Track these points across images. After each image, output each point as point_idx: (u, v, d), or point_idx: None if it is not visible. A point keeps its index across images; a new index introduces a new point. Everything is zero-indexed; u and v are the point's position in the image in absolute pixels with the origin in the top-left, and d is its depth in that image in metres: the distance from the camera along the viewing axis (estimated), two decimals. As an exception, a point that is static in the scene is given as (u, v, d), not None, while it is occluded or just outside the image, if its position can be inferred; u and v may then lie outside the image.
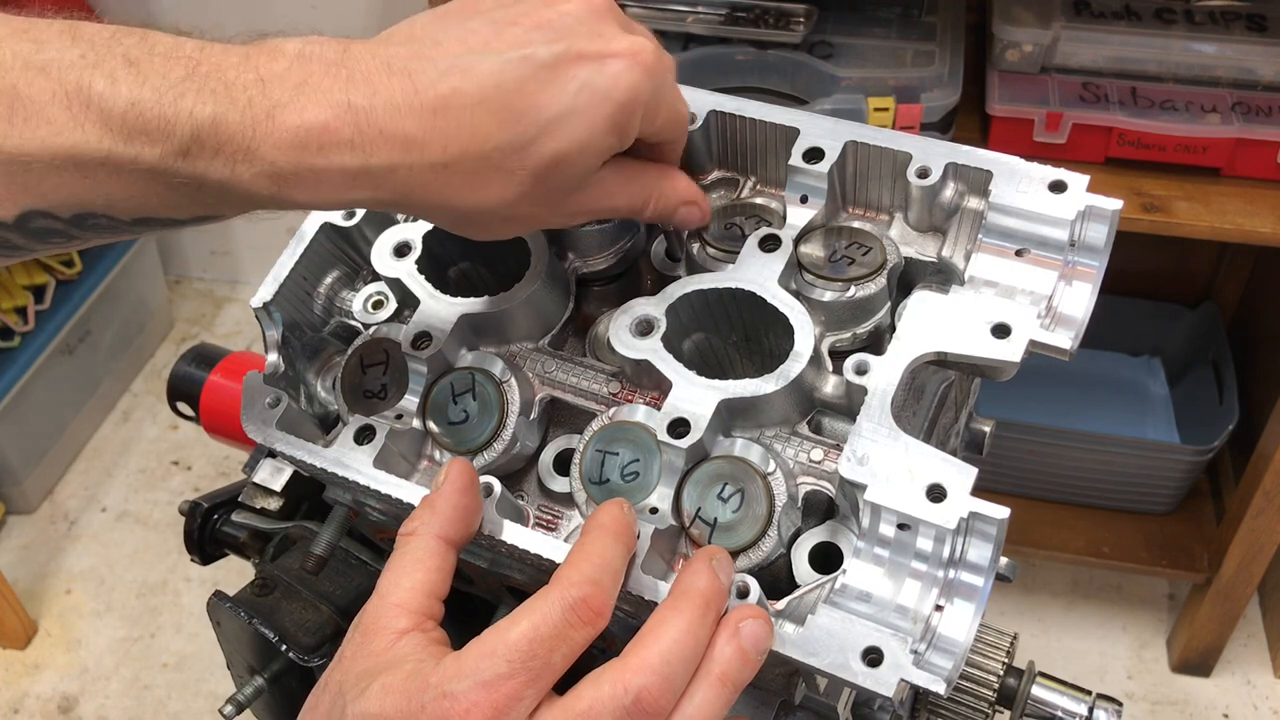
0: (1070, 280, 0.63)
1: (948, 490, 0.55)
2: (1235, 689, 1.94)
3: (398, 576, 0.55)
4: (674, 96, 0.62)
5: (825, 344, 0.65)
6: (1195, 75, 1.48)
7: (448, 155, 0.54)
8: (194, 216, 0.55)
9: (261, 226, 2.51)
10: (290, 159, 0.52)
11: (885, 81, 1.48)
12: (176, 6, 2.18)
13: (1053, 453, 1.83)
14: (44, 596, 2.14)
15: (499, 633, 0.51)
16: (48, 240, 0.54)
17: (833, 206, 0.70)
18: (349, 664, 0.53)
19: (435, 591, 0.55)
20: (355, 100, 0.52)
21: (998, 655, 0.82)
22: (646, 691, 0.49)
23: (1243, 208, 1.44)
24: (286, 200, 0.54)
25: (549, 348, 0.70)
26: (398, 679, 0.50)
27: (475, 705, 0.48)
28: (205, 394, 1.00)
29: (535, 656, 0.50)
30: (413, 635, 0.53)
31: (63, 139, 0.49)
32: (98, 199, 0.52)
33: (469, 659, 0.50)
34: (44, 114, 0.49)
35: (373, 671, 0.51)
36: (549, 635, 0.50)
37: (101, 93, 0.49)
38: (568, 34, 0.56)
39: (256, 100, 0.51)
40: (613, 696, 0.49)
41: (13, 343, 2.10)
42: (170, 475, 2.34)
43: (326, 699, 0.53)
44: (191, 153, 0.51)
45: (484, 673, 0.49)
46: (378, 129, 0.52)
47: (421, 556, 0.55)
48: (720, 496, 0.61)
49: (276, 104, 0.51)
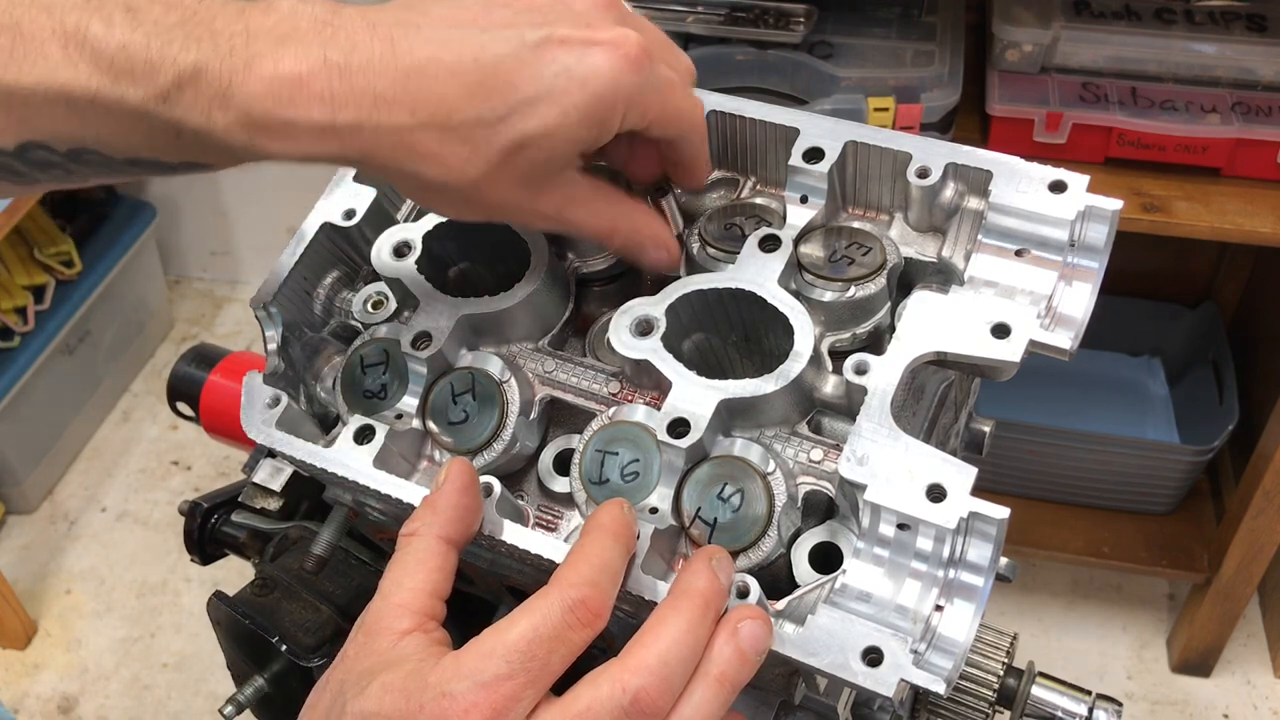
0: (1070, 280, 0.63)
1: (947, 490, 0.55)
2: (1235, 689, 1.94)
3: (400, 576, 0.55)
4: (672, 91, 0.62)
5: (825, 344, 0.65)
6: (1195, 75, 1.48)
7: (415, 119, 0.54)
8: (181, 162, 0.56)
9: (261, 226, 2.50)
10: (263, 109, 0.52)
11: (885, 81, 1.48)
12: None
13: (1053, 453, 1.83)
14: (44, 596, 2.14)
15: (498, 633, 0.51)
16: (48, 171, 0.56)
17: (833, 206, 0.70)
18: (351, 663, 0.53)
19: (437, 591, 0.55)
20: (332, 56, 0.53)
21: (998, 655, 0.82)
22: (644, 692, 0.50)
23: (1243, 208, 1.44)
24: (260, 150, 0.54)
25: (549, 348, 0.70)
26: (397, 678, 0.50)
27: (474, 706, 0.48)
28: (205, 394, 1.00)
29: (534, 657, 0.50)
30: (414, 635, 0.53)
31: (56, 76, 0.51)
32: (89, 136, 0.53)
33: (468, 659, 0.50)
34: (42, 50, 0.51)
35: (373, 670, 0.51)
36: (548, 636, 0.50)
37: (96, 34, 0.51)
38: (556, 19, 0.57)
39: (238, 50, 0.52)
40: (611, 697, 0.49)
41: (13, 343, 2.10)
42: (170, 475, 2.34)
43: (327, 697, 0.53)
44: (171, 97, 0.52)
45: (483, 673, 0.49)
46: (349, 85, 0.53)
47: (423, 557, 0.55)
48: (720, 496, 0.61)
49: (255, 54, 0.52)
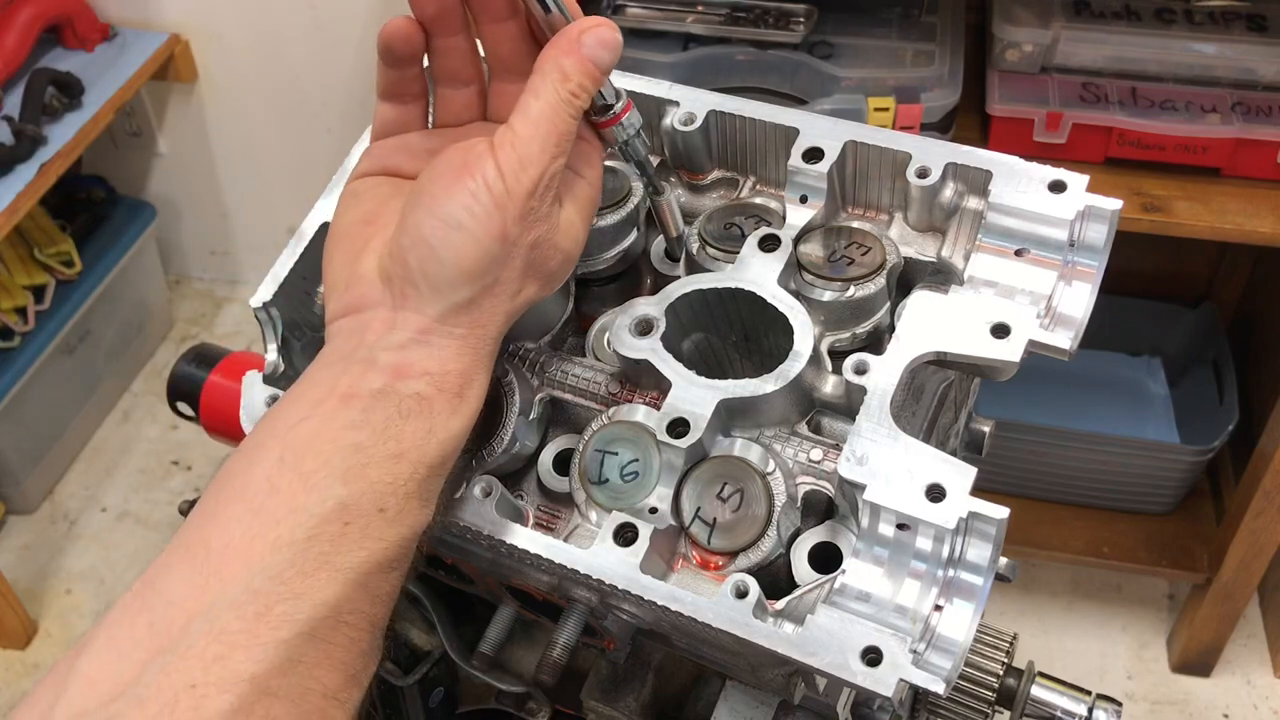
0: (1070, 280, 0.63)
1: (947, 490, 0.55)
2: (1235, 689, 1.94)
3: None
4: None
5: (825, 344, 0.65)
6: (1195, 75, 1.48)
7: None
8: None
9: (261, 226, 2.51)
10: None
11: (885, 81, 1.48)
12: (177, 6, 2.18)
13: (1053, 453, 1.83)
14: (44, 596, 2.14)
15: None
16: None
17: (832, 206, 0.70)
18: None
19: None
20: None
21: (997, 655, 0.82)
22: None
23: (1243, 208, 1.44)
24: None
25: (549, 348, 0.70)
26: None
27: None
28: (205, 394, 1.00)
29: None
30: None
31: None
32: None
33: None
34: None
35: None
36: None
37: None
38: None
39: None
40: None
41: (13, 343, 2.10)
42: (170, 475, 2.34)
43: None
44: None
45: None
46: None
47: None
48: (720, 496, 0.61)
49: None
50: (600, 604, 0.65)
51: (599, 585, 0.59)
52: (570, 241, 0.62)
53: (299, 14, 2.11)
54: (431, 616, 0.82)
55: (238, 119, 2.35)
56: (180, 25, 2.20)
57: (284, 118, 2.32)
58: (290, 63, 2.21)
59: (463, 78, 0.64)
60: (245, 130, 2.37)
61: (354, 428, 0.55)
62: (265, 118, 2.34)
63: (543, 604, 0.71)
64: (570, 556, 0.60)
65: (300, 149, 2.35)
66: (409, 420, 0.56)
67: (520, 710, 0.80)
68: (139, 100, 2.34)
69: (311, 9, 2.10)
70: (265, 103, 2.31)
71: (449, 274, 0.57)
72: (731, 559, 0.60)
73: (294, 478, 0.53)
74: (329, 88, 2.23)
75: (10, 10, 1.98)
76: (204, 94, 2.32)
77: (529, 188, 0.57)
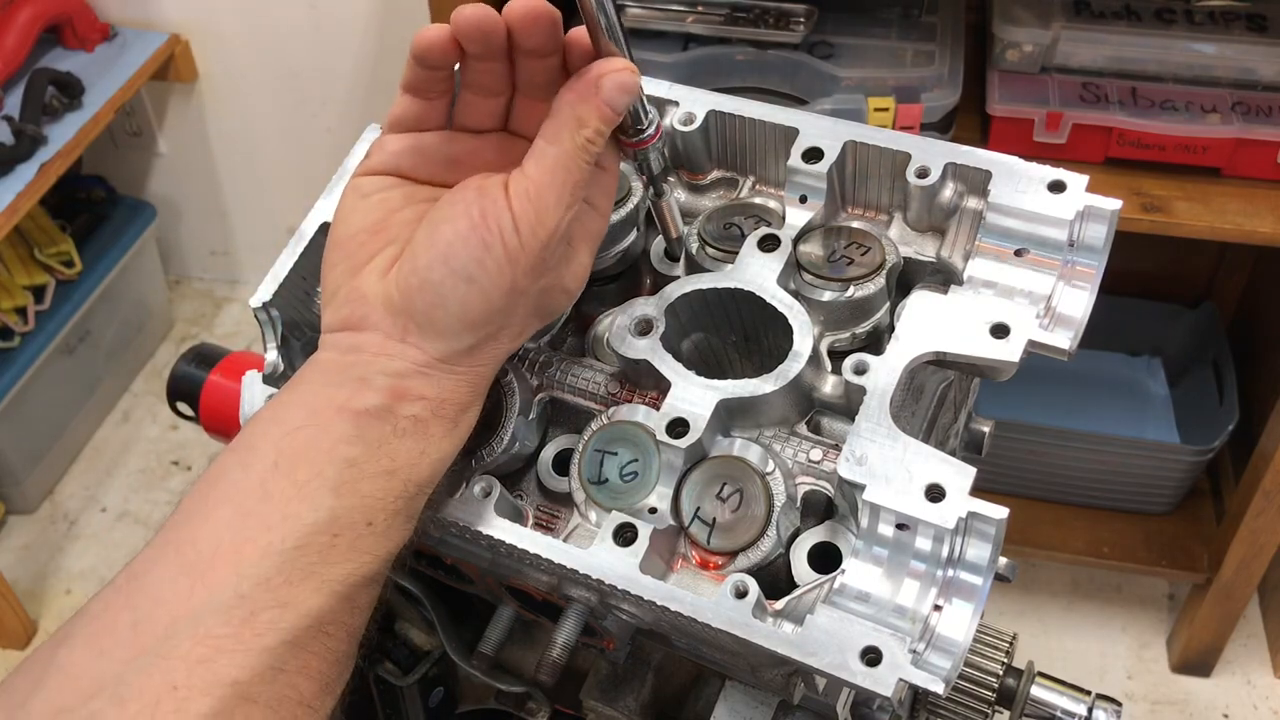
0: (1069, 280, 0.63)
1: (946, 490, 0.55)
2: (1235, 689, 1.94)
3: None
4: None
5: (824, 344, 0.65)
6: (1195, 75, 1.48)
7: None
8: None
9: (261, 226, 2.51)
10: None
11: (885, 81, 1.48)
12: (177, 6, 2.18)
13: (1053, 453, 1.83)
14: (44, 596, 2.14)
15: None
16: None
17: (832, 206, 0.70)
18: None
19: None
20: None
21: (997, 655, 0.81)
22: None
23: (1243, 208, 1.44)
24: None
25: (549, 348, 0.70)
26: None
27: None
28: (205, 394, 1.00)
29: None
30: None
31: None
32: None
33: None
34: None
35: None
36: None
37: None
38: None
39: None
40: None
41: (13, 343, 2.10)
42: (170, 475, 2.34)
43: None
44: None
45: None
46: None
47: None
48: (719, 496, 0.61)
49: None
50: (600, 604, 0.65)
51: (598, 585, 0.59)
52: (576, 282, 0.62)
53: (299, 14, 2.11)
54: (431, 616, 0.82)
55: (238, 119, 2.35)
56: (180, 25, 2.20)
57: (284, 118, 2.32)
58: (290, 63, 2.21)
59: (493, 90, 0.62)
60: (245, 130, 2.37)
61: (349, 442, 0.55)
62: (265, 118, 2.34)
63: (542, 604, 0.70)
64: (570, 556, 0.60)
65: (300, 149, 2.35)
66: (404, 440, 0.56)
67: (520, 710, 0.80)
68: (139, 100, 2.34)
69: (311, 9, 2.10)
70: (265, 103, 2.31)
71: (454, 324, 0.57)
72: (731, 559, 0.60)
73: (287, 485, 0.53)
74: (329, 88, 2.23)
75: (10, 10, 1.98)
76: (204, 94, 2.32)
77: (544, 241, 0.57)
